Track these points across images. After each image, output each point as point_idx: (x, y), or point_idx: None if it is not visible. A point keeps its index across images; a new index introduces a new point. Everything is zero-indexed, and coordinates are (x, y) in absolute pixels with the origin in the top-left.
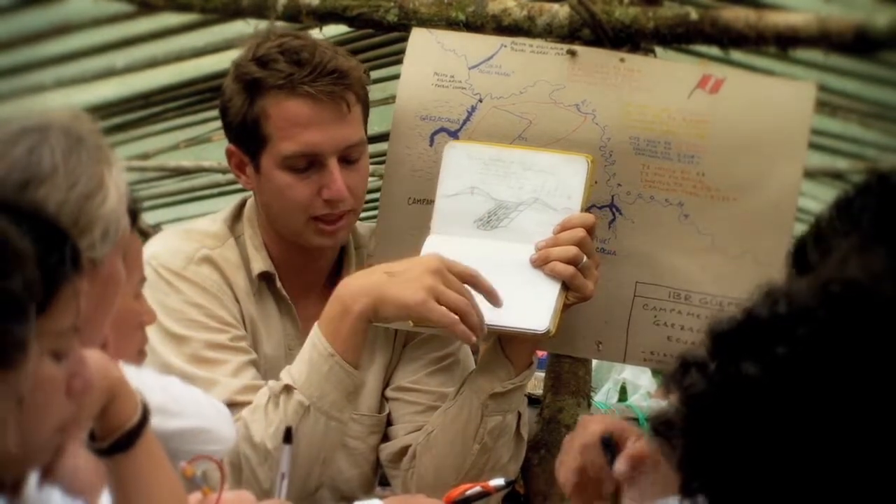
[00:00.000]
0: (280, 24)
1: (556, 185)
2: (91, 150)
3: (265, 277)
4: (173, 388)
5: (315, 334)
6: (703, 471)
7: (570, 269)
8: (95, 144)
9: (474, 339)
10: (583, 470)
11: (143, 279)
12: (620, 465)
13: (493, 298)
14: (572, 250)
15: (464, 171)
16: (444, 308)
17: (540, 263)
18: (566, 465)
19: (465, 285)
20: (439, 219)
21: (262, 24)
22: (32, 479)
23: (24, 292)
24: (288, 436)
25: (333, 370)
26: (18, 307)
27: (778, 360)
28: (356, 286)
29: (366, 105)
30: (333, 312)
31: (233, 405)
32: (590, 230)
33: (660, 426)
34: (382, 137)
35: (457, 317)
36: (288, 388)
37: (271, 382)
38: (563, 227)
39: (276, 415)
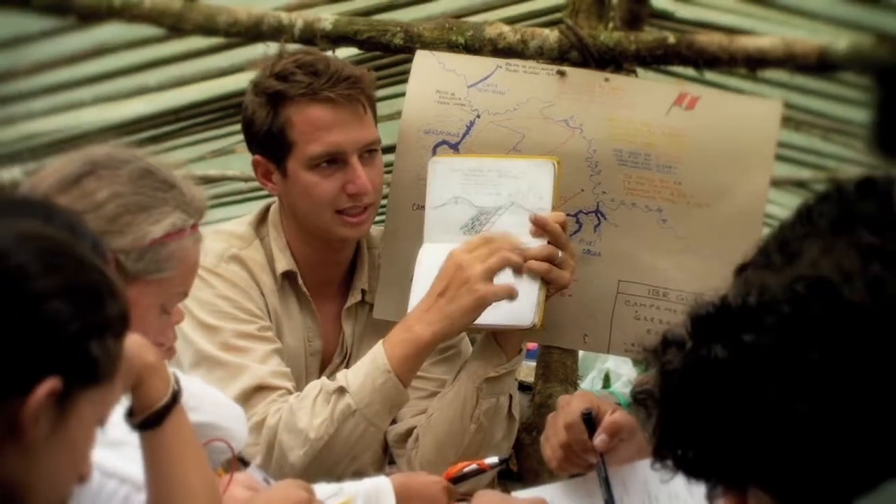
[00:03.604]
0: (296, 46)
1: (529, 188)
2: (162, 186)
3: (288, 276)
4: (193, 386)
5: (378, 350)
6: (673, 438)
7: (545, 265)
8: (168, 185)
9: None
10: (567, 446)
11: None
12: (600, 438)
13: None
14: (546, 248)
15: (447, 182)
16: (499, 286)
17: None
18: (551, 443)
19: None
20: (430, 228)
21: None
22: None
23: (118, 319)
24: (244, 462)
25: (385, 384)
26: (114, 331)
27: (745, 346)
28: (427, 319)
29: (374, 108)
30: (404, 340)
31: (262, 388)
32: (562, 226)
33: (639, 395)
34: (390, 149)
35: (512, 284)
36: (341, 390)
37: (324, 379)
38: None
39: (325, 410)
